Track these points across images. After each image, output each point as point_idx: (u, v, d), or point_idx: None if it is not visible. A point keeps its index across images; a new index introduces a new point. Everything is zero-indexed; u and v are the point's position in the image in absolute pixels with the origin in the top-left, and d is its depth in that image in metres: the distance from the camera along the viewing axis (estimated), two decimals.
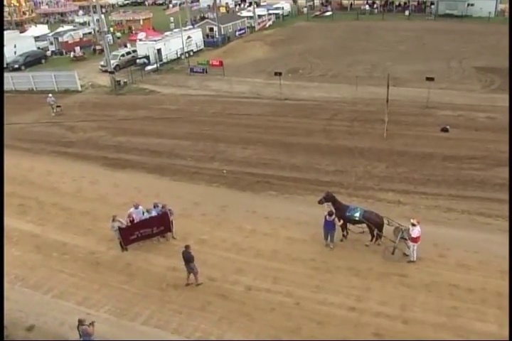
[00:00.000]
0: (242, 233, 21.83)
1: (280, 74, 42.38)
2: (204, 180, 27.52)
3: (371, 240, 20.59)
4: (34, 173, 29.53)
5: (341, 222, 20.49)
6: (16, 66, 57.79)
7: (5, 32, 70.73)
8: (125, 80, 49.54)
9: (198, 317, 17.19)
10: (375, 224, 20.17)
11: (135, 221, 20.99)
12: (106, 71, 51.03)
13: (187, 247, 18.40)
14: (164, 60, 56.70)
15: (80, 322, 15.04)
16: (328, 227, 20.40)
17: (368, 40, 63.23)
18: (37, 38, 68.41)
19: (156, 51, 55.80)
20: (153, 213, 21.26)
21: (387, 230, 20.30)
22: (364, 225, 20.47)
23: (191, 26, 67.18)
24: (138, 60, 55.90)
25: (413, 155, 28.93)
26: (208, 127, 35.61)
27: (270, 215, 22.69)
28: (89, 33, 70.32)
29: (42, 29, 76.78)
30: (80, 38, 68.39)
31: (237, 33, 70.08)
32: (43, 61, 62.11)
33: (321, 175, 27.30)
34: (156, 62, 55.00)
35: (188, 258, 18.32)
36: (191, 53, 60.44)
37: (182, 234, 21.84)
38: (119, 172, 29.34)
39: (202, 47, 63.59)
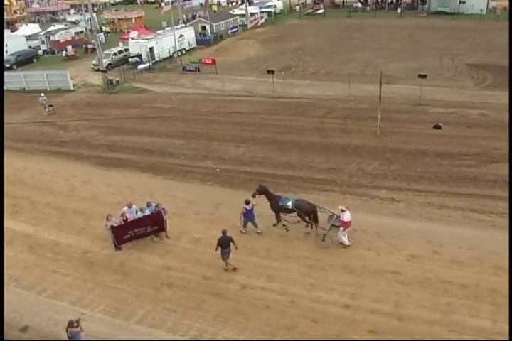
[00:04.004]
0: (236, 231, 21.71)
1: (273, 72, 42.48)
2: (197, 179, 27.48)
3: (306, 226, 21.35)
4: (27, 173, 29.41)
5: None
6: (8, 65, 57.47)
7: None
8: (117, 79, 49.45)
9: (192, 316, 17.15)
10: (306, 212, 20.88)
11: (129, 220, 20.89)
12: (98, 70, 51.00)
13: (224, 232, 18.75)
14: (157, 59, 56.65)
15: (70, 324, 14.93)
16: (250, 216, 21.25)
17: (360, 37, 63.41)
18: (28, 37, 68.25)
19: (148, 50, 55.78)
20: (147, 212, 21.19)
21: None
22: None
23: (183, 25, 67.10)
24: (130, 59, 55.86)
25: (406, 153, 28.98)
26: (200, 125, 35.56)
27: (263, 213, 22.60)
28: (81, 31, 70.13)
29: (33, 28, 76.61)
30: (72, 37, 68.27)
31: (229, 31, 70.09)
32: (35, 60, 61.96)
33: (314, 172, 27.32)
34: (149, 61, 54.92)
35: (225, 243, 18.63)
36: (184, 52, 60.44)
37: (176, 232, 21.81)
38: (112, 171, 29.26)
39: (194, 45, 63.61)
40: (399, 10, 78.02)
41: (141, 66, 54.16)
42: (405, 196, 24.26)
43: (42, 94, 41.37)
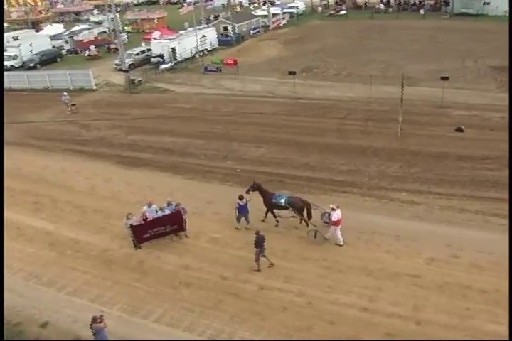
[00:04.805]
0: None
1: (294, 73, 42.40)
2: (217, 179, 27.56)
3: (307, 225, 21.69)
4: (48, 171, 29.76)
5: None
6: (32, 65, 58.30)
7: (21, 31, 71.81)
8: (139, 79, 49.83)
9: (209, 316, 17.22)
10: (298, 209, 21.44)
11: (148, 219, 21.03)
12: (120, 70, 51.47)
13: (258, 232, 18.93)
14: (178, 59, 56.96)
15: (93, 320, 15.07)
16: (243, 211, 21.77)
17: (382, 39, 63.01)
18: (52, 37, 69.00)
19: (170, 50, 56.12)
20: (167, 211, 21.29)
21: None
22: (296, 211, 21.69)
23: (205, 25, 67.32)
24: (152, 59, 56.19)
25: (427, 155, 28.75)
26: (221, 126, 35.68)
27: (282, 214, 22.62)
28: (104, 31, 70.69)
29: (57, 28, 77.40)
30: (95, 37, 68.84)
31: (251, 32, 70.09)
32: (58, 60, 62.65)
33: (334, 174, 27.25)
34: (171, 61, 55.31)
35: (261, 242, 18.79)
36: (205, 52, 60.52)
37: (194, 232, 21.91)
38: (133, 170, 29.49)
39: (216, 46, 63.73)
40: (422, 11, 77.27)
41: (163, 66, 54.45)
42: (425, 199, 24.08)
43: (65, 93, 41.88)
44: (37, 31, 75.48)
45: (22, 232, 22.92)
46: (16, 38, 65.96)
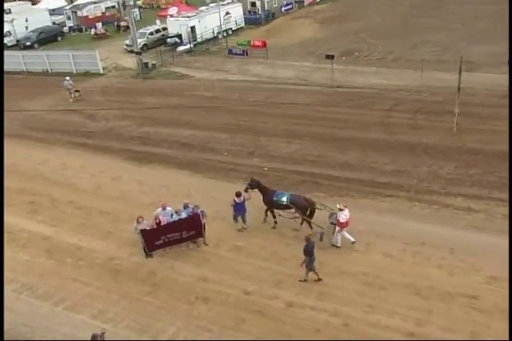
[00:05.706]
0: (284, 240, 21.85)
1: (332, 57, 42.29)
2: (242, 178, 27.48)
3: (301, 224, 22.43)
4: (48, 167, 30.18)
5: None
6: (28, 43, 58.61)
7: (15, 3, 71.53)
8: (154, 62, 50.20)
9: (230, 337, 17.20)
10: (301, 208, 21.97)
11: (162, 223, 21.12)
12: (132, 51, 51.80)
13: (308, 238, 18.92)
14: (199, 40, 57.14)
15: (94, 339, 15.16)
16: (240, 210, 22.52)
17: (437, 16, 62.11)
18: (52, 12, 69.24)
19: (189, 29, 56.21)
20: (183, 215, 21.36)
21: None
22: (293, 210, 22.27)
23: (230, 0, 67.43)
24: (168, 40, 56.49)
25: (489, 154, 28.47)
26: (247, 118, 35.82)
27: (316, 220, 22.60)
28: (113, 6, 71.05)
29: (58, 1, 77.60)
30: (102, 13, 69.27)
31: (283, 9, 69.90)
32: (60, 38, 63.24)
33: (377, 175, 27.14)
34: (190, 42, 55.40)
35: (311, 250, 18.80)
36: (230, 32, 60.77)
37: (215, 239, 22.01)
38: (145, 167, 29.76)
39: (242, 25, 63.81)
40: None
41: (180, 48, 54.75)
42: (486, 206, 23.82)
43: (67, 78, 42.29)
44: (33, 4, 75.72)
45: (15, 237, 23.22)
46: (8, 12, 65.99)
